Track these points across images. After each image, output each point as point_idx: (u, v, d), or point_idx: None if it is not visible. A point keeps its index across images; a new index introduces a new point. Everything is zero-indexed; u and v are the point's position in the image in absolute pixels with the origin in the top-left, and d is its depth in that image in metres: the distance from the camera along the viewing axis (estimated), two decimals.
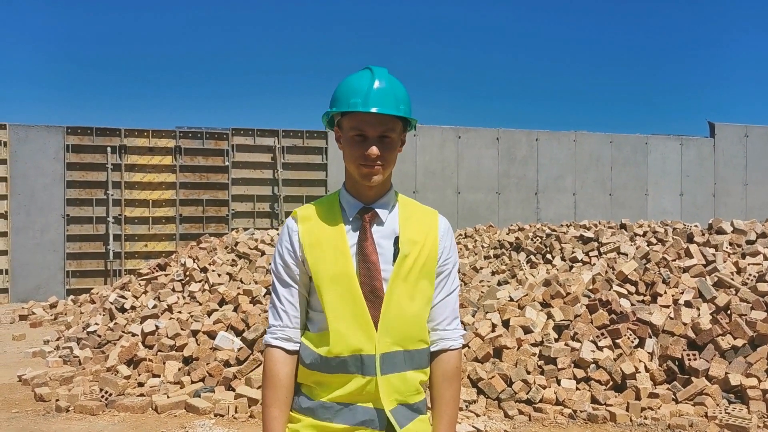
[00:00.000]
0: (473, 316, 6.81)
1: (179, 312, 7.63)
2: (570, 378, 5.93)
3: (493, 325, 6.50)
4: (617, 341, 6.20)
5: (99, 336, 7.82)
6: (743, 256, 8.07)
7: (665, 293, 7.03)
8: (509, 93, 46.14)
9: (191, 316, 7.44)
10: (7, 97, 37.36)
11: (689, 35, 48.73)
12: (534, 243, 9.99)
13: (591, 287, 7.13)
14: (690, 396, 5.70)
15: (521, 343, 6.24)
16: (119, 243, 13.56)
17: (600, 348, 6.14)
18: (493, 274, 9.22)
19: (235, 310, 7.44)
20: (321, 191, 14.51)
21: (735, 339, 6.16)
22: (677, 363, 6.08)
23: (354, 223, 1.94)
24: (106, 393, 6.00)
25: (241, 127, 14.36)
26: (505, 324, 6.52)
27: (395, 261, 1.91)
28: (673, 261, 7.77)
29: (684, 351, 6.10)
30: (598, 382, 5.89)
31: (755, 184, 17.61)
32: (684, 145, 17.18)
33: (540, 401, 5.71)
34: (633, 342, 6.23)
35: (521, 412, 5.62)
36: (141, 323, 7.48)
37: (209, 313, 7.45)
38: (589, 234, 9.49)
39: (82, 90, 42.07)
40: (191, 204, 14.02)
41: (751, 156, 17.56)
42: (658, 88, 46.61)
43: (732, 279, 7.22)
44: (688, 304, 6.75)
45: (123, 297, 8.94)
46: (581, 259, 8.82)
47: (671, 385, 5.87)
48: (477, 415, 5.56)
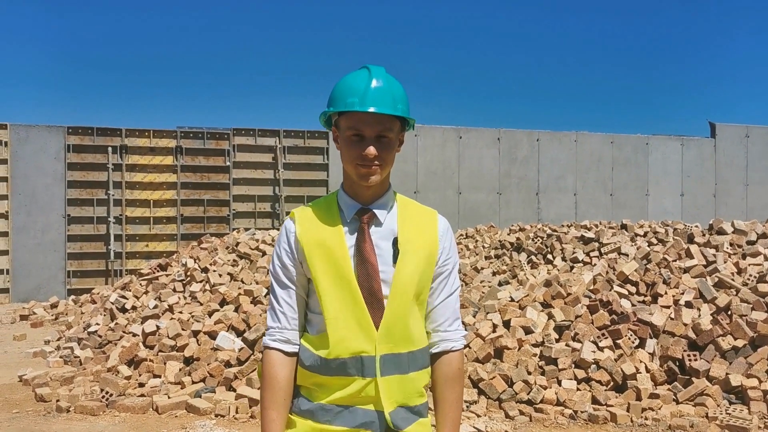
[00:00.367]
0: (474, 316, 6.81)
1: (180, 312, 7.63)
2: (571, 378, 5.93)
3: (494, 326, 6.50)
4: (618, 342, 6.20)
5: (100, 336, 7.83)
6: (744, 256, 8.07)
7: (666, 294, 7.03)
8: (510, 93, 46.17)
9: (192, 316, 7.44)
10: (8, 97, 37.40)
11: (690, 35, 48.74)
12: (535, 243, 9.99)
13: (592, 288, 7.13)
14: (691, 396, 5.70)
15: (522, 344, 6.24)
16: (120, 243, 13.56)
17: (601, 348, 6.14)
18: (494, 274, 9.22)
19: (236, 310, 7.44)
20: (322, 191, 14.50)
21: (735, 339, 6.16)
22: (678, 363, 6.08)
23: (352, 225, 1.92)
24: (106, 393, 6.01)
25: (242, 127, 14.37)
26: (506, 324, 6.52)
27: (394, 262, 1.89)
28: (674, 261, 7.77)
29: (684, 351, 6.09)
30: (598, 382, 5.89)
31: (756, 184, 17.60)
32: (685, 146, 17.18)
33: (541, 402, 5.71)
34: (634, 342, 6.23)
35: (522, 412, 5.62)
36: (142, 323, 7.48)
37: (210, 314, 7.46)
38: (590, 234, 9.49)
39: (83, 90, 42.10)
40: (192, 204, 14.02)
41: (752, 156, 17.55)
42: (658, 88, 46.61)
43: (732, 279, 7.22)
44: (688, 304, 6.75)
45: (124, 297, 8.94)
46: (582, 260, 8.82)
47: (672, 386, 5.87)
48: (478, 416, 5.56)
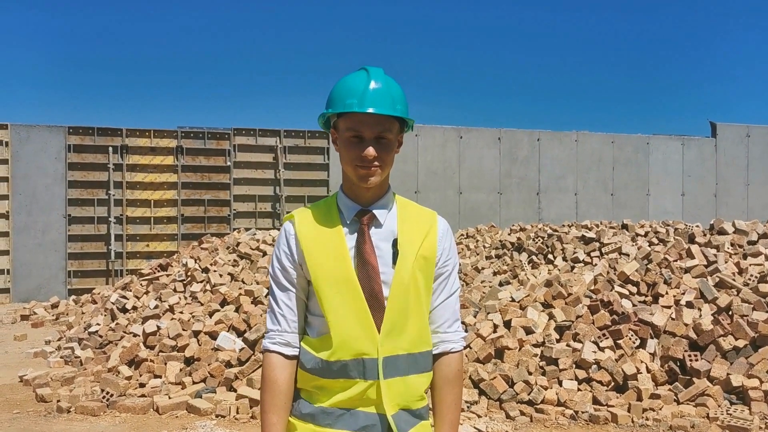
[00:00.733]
0: (475, 316, 6.80)
1: (181, 312, 7.63)
2: (571, 379, 5.93)
3: (495, 326, 6.50)
4: (619, 342, 6.19)
5: (100, 336, 7.83)
6: (745, 256, 8.06)
7: (667, 294, 7.03)
8: (511, 93, 46.18)
9: (193, 316, 7.44)
10: (9, 97, 37.43)
11: (690, 35, 48.71)
12: (535, 243, 9.99)
13: (592, 288, 7.12)
14: (691, 397, 5.69)
15: (523, 344, 6.24)
16: (121, 243, 13.57)
17: (601, 349, 6.14)
18: (495, 274, 9.22)
19: (237, 310, 7.44)
20: (323, 191, 14.51)
21: (736, 340, 6.15)
22: (679, 364, 6.07)
23: (352, 226, 1.92)
24: (107, 394, 6.00)
25: (243, 127, 14.37)
26: (507, 324, 6.51)
27: (394, 263, 1.88)
28: (675, 261, 7.76)
29: (685, 352, 6.09)
30: (599, 382, 5.89)
31: (757, 184, 17.59)
32: (685, 145, 17.17)
33: (541, 402, 5.71)
34: (634, 343, 6.22)
35: (523, 413, 5.62)
36: (142, 323, 7.48)
37: (211, 314, 7.45)
38: (591, 234, 9.49)
39: (83, 90, 42.13)
40: (193, 204, 14.03)
41: (753, 156, 17.54)
42: (659, 88, 46.61)
43: (733, 280, 7.21)
44: (689, 304, 6.74)
45: (124, 297, 8.94)
46: (583, 260, 8.81)
47: (673, 386, 5.86)
48: (478, 416, 5.55)
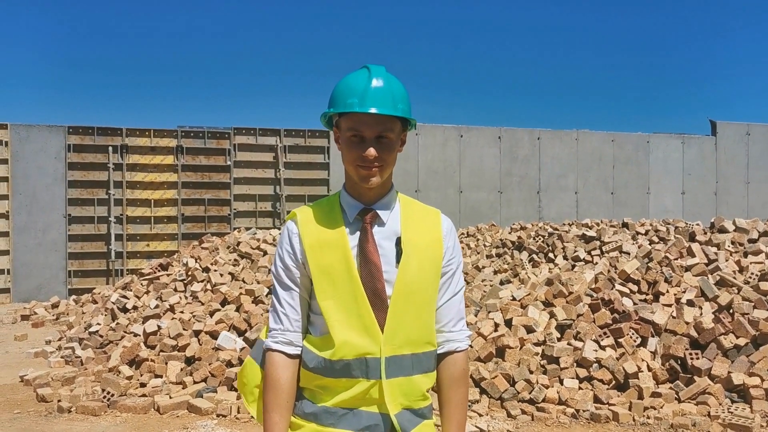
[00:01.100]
0: (476, 315, 6.80)
1: (181, 312, 7.63)
2: (573, 377, 5.92)
3: (496, 325, 6.49)
4: (620, 340, 6.19)
5: (101, 336, 7.83)
6: (745, 254, 8.06)
7: (667, 292, 7.02)
8: (511, 92, 46.17)
9: (193, 316, 7.43)
10: (9, 97, 37.42)
11: (690, 33, 48.69)
12: (536, 242, 9.99)
13: (593, 286, 7.12)
14: (693, 395, 5.69)
15: (524, 343, 6.23)
16: (121, 243, 13.57)
17: (602, 347, 6.13)
18: (496, 273, 9.21)
19: (238, 310, 7.44)
20: (323, 190, 14.51)
21: (737, 338, 6.15)
22: (680, 362, 6.07)
23: (355, 225, 1.90)
24: (108, 393, 6.00)
25: (243, 127, 14.37)
26: (508, 323, 6.51)
27: (398, 262, 1.87)
28: (675, 260, 7.76)
29: (686, 350, 6.08)
30: (600, 381, 5.88)
31: (757, 182, 17.58)
32: (686, 144, 17.16)
33: (543, 401, 5.70)
34: (635, 341, 6.22)
35: (524, 411, 5.61)
36: (143, 323, 7.48)
37: (211, 313, 7.45)
38: (591, 233, 9.49)
39: (83, 90, 42.12)
40: (193, 203, 14.02)
41: (753, 154, 17.53)
42: (659, 86, 46.61)
43: (734, 278, 7.21)
44: (690, 303, 6.74)
45: (125, 297, 8.94)
46: (583, 258, 8.81)
47: (674, 385, 5.86)
48: (480, 415, 5.55)
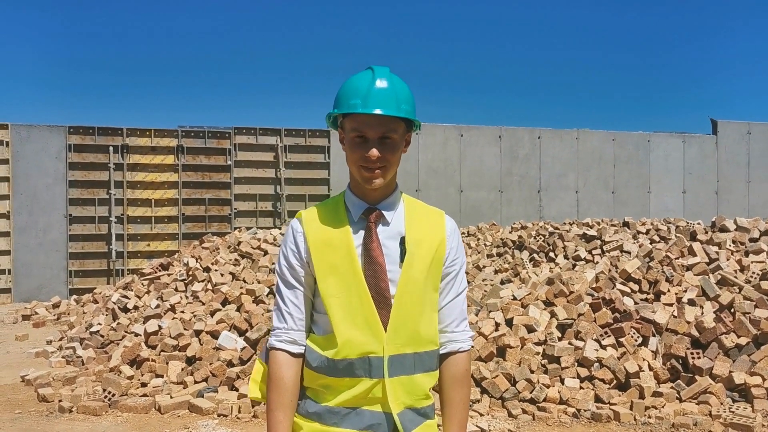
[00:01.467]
0: (476, 315, 6.80)
1: (182, 312, 7.63)
2: (574, 377, 5.92)
3: (497, 324, 6.49)
4: (621, 340, 6.18)
5: (102, 336, 7.83)
6: (746, 253, 8.06)
7: (668, 291, 7.02)
8: (512, 91, 46.16)
9: (194, 315, 7.44)
10: (9, 97, 37.43)
11: (691, 32, 48.66)
12: (537, 241, 9.98)
13: (594, 286, 7.12)
14: (694, 395, 5.69)
15: (525, 342, 6.23)
16: (122, 242, 13.57)
17: (603, 347, 6.13)
18: (496, 272, 9.21)
19: (238, 309, 7.44)
20: (323, 190, 14.51)
21: (739, 337, 6.14)
22: (681, 361, 6.07)
23: (359, 224, 1.91)
24: (109, 393, 6.00)
25: (244, 126, 14.36)
26: (509, 323, 6.51)
27: (402, 262, 1.88)
28: (676, 259, 7.76)
29: (688, 349, 6.08)
30: (601, 380, 5.88)
31: (758, 181, 17.57)
32: (686, 143, 17.15)
33: (544, 400, 5.70)
34: (636, 340, 6.21)
35: (525, 411, 5.61)
36: (144, 323, 7.48)
37: (212, 313, 7.45)
38: (592, 232, 9.48)
39: (84, 90, 42.13)
40: (194, 203, 14.02)
41: (754, 153, 17.52)
42: (660, 85, 46.59)
43: (735, 277, 7.21)
44: (691, 302, 6.74)
45: (126, 297, 8.94)
46: (584, 258, 8.81)
47: (675, 384, 5.86)
48: (481, 415, 5.55)
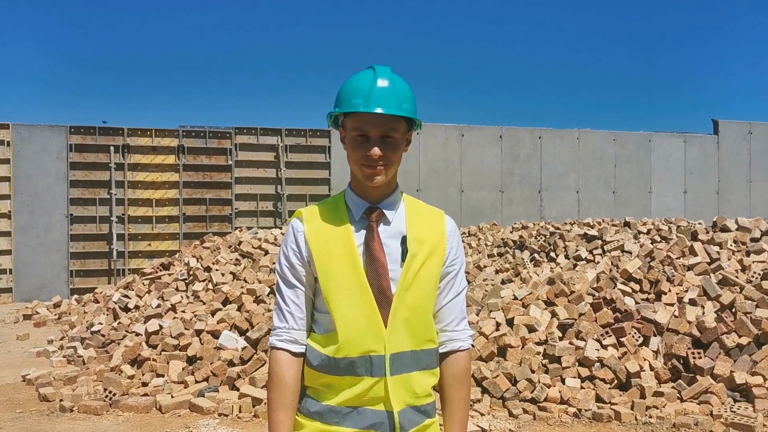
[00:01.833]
0: (477, 314, 6.79)
1: (183, 311, 7.63)
2: (574, 377, 5.92)
3: (497, 324, 6.49)
4: (622, 340, 6.18)
5: (103, 335, 7.83)
6: (748, 253, 8.05)
7: (669, 291, 7.02)
8: (512, 91, 46.16)
9: (195, 315, 7.44)
10: (10, 97, 37.46)
11: (692, 32, 48.63)
12: (538, 241, 9.98)
13: (595, 285, 7.11)
14: (695, 394, 5.68)
15: (525, 342, 6.23)
16: (123, 242, 13.57)
17: (604, 346, 6.13)
18: (497, 272, 9.20)
19: (239, 309, 7.44)
20: (324, 190, 14.51)
21: (740, 337, 6.14)
22: (682, 361, 6.06)
23: (360, 223, 1.92)
24: (110, 393, 6.00)
25: (244, 126, 14.36)
26: (509, 323, 6.50)
27: (403, 261, 1.89)
28: (678, 259, 7.75)
29: (689, 349, 6.08)
30: (602, 380, 5.88)
31: (759, 181, 17.56)
32: (688, 143, 17.14)
33: (544, 400, 5.70)
34: (637, 340, 6.21)
35: (526, 411, 5.61)
36: (145, 323, 7.48)
37: (213, 313, 7.45)
38: (593, 232, 9.47)
39: (85, 90, 42.18)
40: (194, 203, 14.02)
41: (755, 153, 17.51)
42: (661, 85, 46.56)
43: (736, 277, 7.20)
44: (692, 302, 6.73)
45: (127, 296, 8.95)
46: (585, 258, 8.80)
47: (676, 384, 5.85)
48: (481, 414, 5.55)
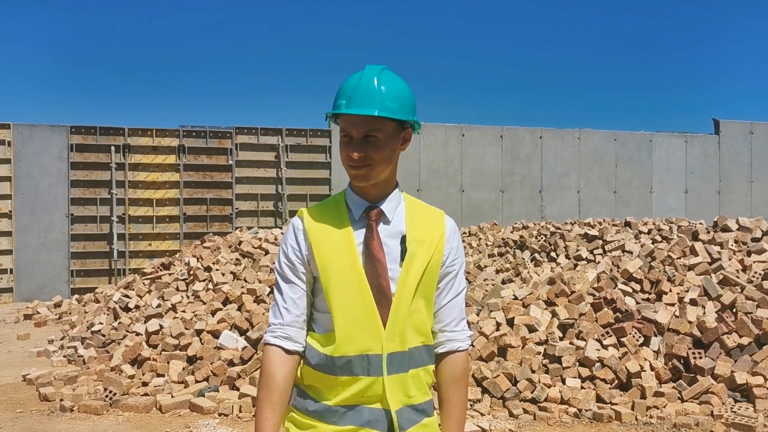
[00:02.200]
0: (478, 314, 6.79)
1: (183, 311, 7.63)
2: (575, 377, 5.91)
3: (498, 324, 6.49)
4: (622, 340, 6.17)
5: (103, 335, 7.83)
6: (748, 253, 8.04)
7: (670, 291, 7.01)
8: (513, 91, 46.13)
9: (195, 315, 7.44)
10: (11, 97, 37.49)
11: (693, 32, 48.60)
12: (538, 241, 9.97)
13: (596, 285, 7.10)
14: (695, 395, 5.68)
15: (526, 342, 6.22)
16: (123, 242, 13.57)
17: (605, 346, 6.12)
18: (498, 272, 9.20)
19: (239, 309, 7.43)
20: (325, 190, 14.51)
21: (741, 337, 6.13)
22: (682, 361, 6.05)
23: (360, 222, 1.92)
24: (110, 392, 6.00)
25: (245, 126, 14.36)
26: (510, 323, 6.50)
27: (402, 260, 1.89)
28: (678, 259, 7.74)
29: (689, 349, 6.07)
30: (603, 380, 5.87)
31: (760, 181, 17.55)
32: (688, 143, 17.13)
33: (545, 400, 5.69)
34: (638, 340, 6.20)
35: (526, 411, 5.60)
36: (145, 322, 7.48)
37: (213, 313, 7.45)
38: (594, 232, 9.47)
39: (85, 90, 42.19)
40: (195, 203, 14.02)
41: (756, 153, 17.50)
42: (662, 85, 46.54)
43: (737, 277, 7.19)
44: (693, 302, 6.72)
45: (127, 296, 8.95)
46: (586, 257, 8.79)
47: (677, 384, 5.85)
48: (482, 415, 5.54)
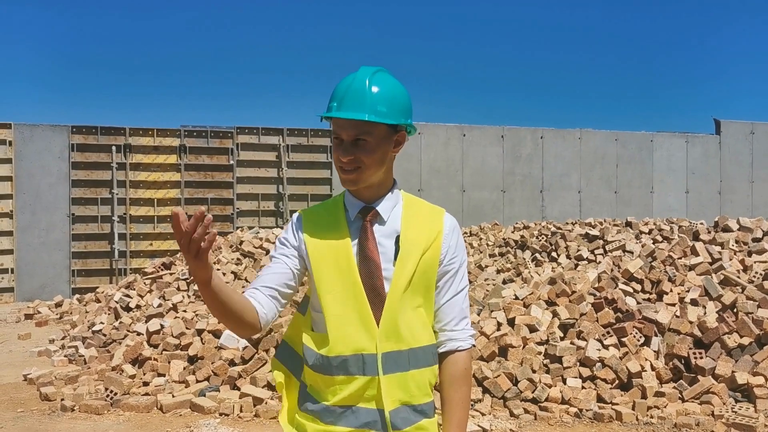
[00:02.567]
0: (478, 314, 6.79)
1: (184, 311, 7.64)
2: (576, 377, 5.91)
3: (499, 324, 6.49)
4: (623, 340, 6.17)
5: (104, 335, 7.84)
6: (749, 253, 8.04)
7: (671, 291, 7.01)
8: (514, 91, 46.12)
9: (196, 314, 7.44)
10: (12, 97, 37.51)
11: (694, 32, 48.58)
12: (539, 241, 9.97)
13: (596, 285, 7.10)
14: (696, 395, 5.68)
15: (527, 342, 6.22)
16: (124, 242, 13.58)
17: (606, 346, 6.12)
18: (498, 272, 9.20)
19: None
20: (326, 190, 14.51)
21: (741, 337, 6.13)
22: (683, 361, 6.05)
23: (356, 223, 1.94)
24: (111, 392, 6.01)
25: (246, 126, 14.36)
26: (511, 323, 6.50)
27: (396, 259, 1.89)
28: (679, 259, 7.74)
29: (690, 349, 6.07)
30: (603, 380, 5.87)
31: (761, 181, 17.53)
32: (689, 143, 17.12)
33: (545, 400, 5.69)
34: (639, 340, 6.20)
35: (527, 411, 5.61)
36: (146, 322, 7.48)
37: None
38: (595, 232, 9.47)
39: (86, 89, 42.20)
40: (196, 203, 14.01)
41: (757, 153, 17.48)
42: (663, 85, 46.52)
43: (738, 277, 7.19)
44: (694, 302, 6.72)
45: (128, 296, 8.95)
46: (587, 257, 8.79)
47: (677, 384, 5.85)
48: (482, 414, 5.55)
